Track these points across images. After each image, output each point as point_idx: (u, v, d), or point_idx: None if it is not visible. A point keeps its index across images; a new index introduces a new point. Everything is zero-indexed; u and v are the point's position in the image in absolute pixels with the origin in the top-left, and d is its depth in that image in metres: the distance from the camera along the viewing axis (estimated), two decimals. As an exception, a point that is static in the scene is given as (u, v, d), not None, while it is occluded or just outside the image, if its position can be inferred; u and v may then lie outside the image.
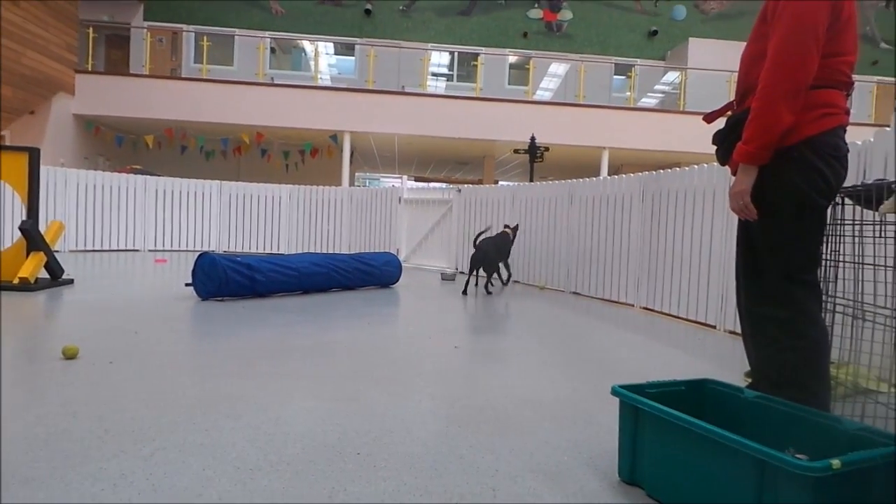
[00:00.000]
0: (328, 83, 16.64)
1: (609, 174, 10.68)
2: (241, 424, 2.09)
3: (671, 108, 15.71)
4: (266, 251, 10.57)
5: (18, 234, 5.36)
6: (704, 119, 2.46)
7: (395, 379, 2.79)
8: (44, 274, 5.53)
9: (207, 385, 2.55)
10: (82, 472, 1.66)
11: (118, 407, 2.22)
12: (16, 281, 5.13)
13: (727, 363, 3.45)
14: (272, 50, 16.63)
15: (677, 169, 5.26)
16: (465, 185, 8.71)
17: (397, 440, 2.00)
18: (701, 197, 4.84)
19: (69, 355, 2.87)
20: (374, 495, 1.59)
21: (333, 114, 13.29)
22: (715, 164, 4.59)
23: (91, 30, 13.69)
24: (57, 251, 5.71)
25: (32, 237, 5.28)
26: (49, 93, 11.80)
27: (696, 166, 4.98)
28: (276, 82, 14.21)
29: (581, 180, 6.65)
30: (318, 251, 10.06)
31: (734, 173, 2.24)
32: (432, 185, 15.44)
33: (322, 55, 16.81)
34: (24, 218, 5.35)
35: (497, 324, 4.53)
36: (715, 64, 14.89)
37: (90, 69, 13.53)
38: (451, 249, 8.68)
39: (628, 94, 16.46)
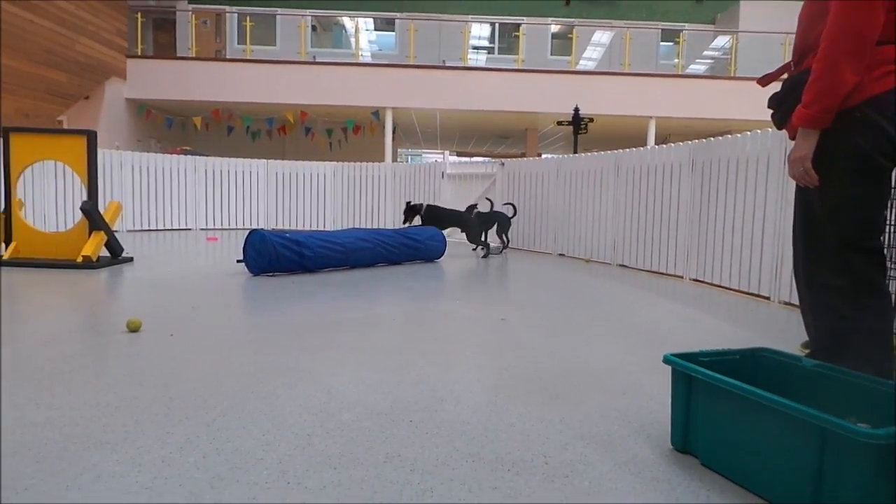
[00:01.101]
0: (369, 59, 16.64)
1: (656, 144, 10.40)
2: (296, 393, 2.16)
3: (721, 74, 15.14)
4: (312, 227, 10.75)
5: (80, 214, 5.60)
6: (759, 82, 2.37)
7: (443, 350, 2.83)
8: (105, 252, 5.77)
9: (262, 356, 2.64)
10: (151, 436, 1.75)
11: (181, 376, 2.32)
12: (79, 259, 5.38)
13: (782, 335, 3.36)
14: (313, 28, 16.70)
15: (729, 136, 5.09)
16: (509, 159, 8.63)
17: (447, 408, 2.04)
18: (755, 164, 4.68)
19: (133, 328, 3.01)
20: (428, 460, 1.63)
21: (375, 90, 13.31)
22: (770, 129, 4.42)
23: (139, 15, 14.00)
24: (116, 231, 5.94)
25: (93, 217, 5.50)
26: (102, 78, 12.16)
27: (749, 133, 4.81)
28: (317, 60, 14.29)
29: (627, 150, 6.52)
30: (364, 227, 10.18)
31: (792, 138, 2.16)
32: (474, 159, 15.34)
33: (362, 31, 16.79)
34: (84, 199, 5.57)
35: (543, 297, 4.52)
36: (768, 26, 14.24)
37: (140, 53, 13.88)
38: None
39: (676, 60, 15.92)
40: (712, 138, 5.32)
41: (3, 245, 5.55)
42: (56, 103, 10.95)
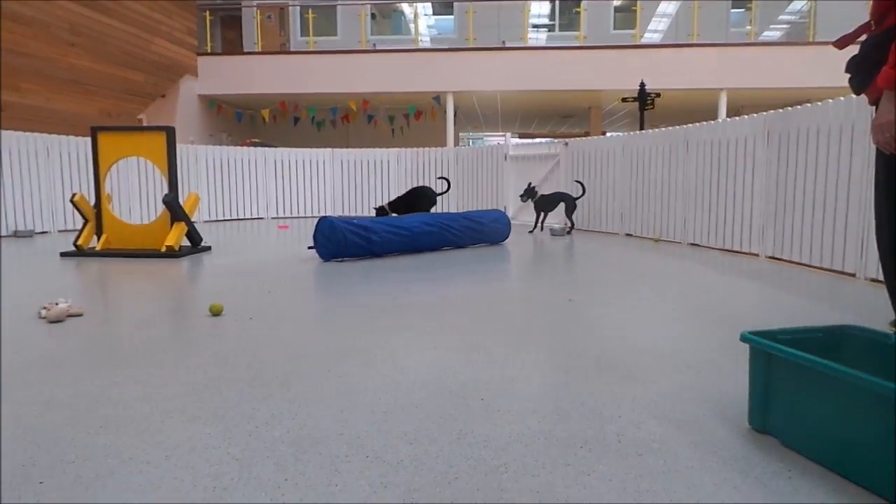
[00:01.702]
0: (428, 44, 16.65)
1: (728, 117, 9.98)
2: (370, 372, 2.23)
3: (798, 39, 14.29)
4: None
5: (162, 207, 5.92)
6: (835, 44, 2.24)
7: (512, 331, 2.85)
8: (185, 242, 6.09)
9: (337, 337, 2.74)
10: (238, 411, 1.86)
11: (262, 357, 2.45)
12: (163, 249, 5.70)
13: (869, 313, 3.19)
14: (373, 16, 16.85)
15: (808, 105, 4.83)
16: (573, 138, 8.49)
17: (518, 387, 2.06)
18: (837, 133, 4.43)
19: (215, 312, 3.18)
20: (500, 437, 1.66)
21: (435, 75, 13.33)
22: (852, 96, 4.17)
23: (208, 13, 14.53)
24: (194, 221, 6.25)
25: (174, 209, 5.81)
26: (176, 76, 12.73)
27: (830, 101, 4.55)
28: (377, 48, 14.44)
29: (697, 124, 6.29)
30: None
31: (872, 103, 2.04)
32: (537, 140, 15.17)
33: (421, 16, 16.81)
34: (165, 192, 5.89)
35: (611, 277, 4.45)
36: (852, -15, 13.29)
37: (209, 51, 14.42)
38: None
39: (748, 28, 15.14)
40: (789, 108, 5.06)
41: (96, 237, 5.94)
42: (135, 102, 11.55)
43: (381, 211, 7.58)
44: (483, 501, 1.33)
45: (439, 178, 9.04)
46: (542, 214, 7.76)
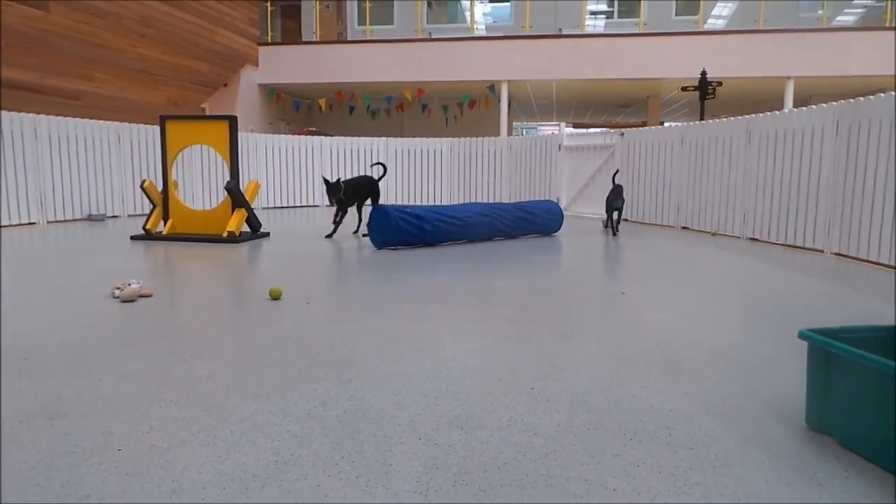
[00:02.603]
0: (483, 32, 16.57)
1: (794, 107, 9.57)
2: (423, 358, 2.29)
3: (875, 24, 13.53)
4: (430, 202, 11.02)
5: (224, 193, 6.15)
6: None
7: (562, 322, 2.86)
8: (245, 228, 6.30)
9: (390, 322, 2.81)
10: (297, 391, 1.95)
11: (319, 340, 2.54)
12: (224, 234, 5.92)
13: (942, 314, 3.04)
14: (428, 4, 16.87)
15: (882, 95, 4.60)
16: (629, 129, 8.32)
17: (567, 377, 2.08)
18: (913, 125, 4.20)
19: (274, 297, 3.30)
20: (549, 425, 1.69)
21: (490, 64, 13.26)
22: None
23: (269, 3, 14.86)
24: (254, 208, 6.46)
25: (236, 195, 6.02)
26: (238, 66, 13.10)
27: (907, 90, 4.31)
28: (433, 37, 14.47)
29: (761, 115, 6.07)
30: (480, 201, 10.29)
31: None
32: (592, 130, 14.92)
33: (477, 4, 16.72)
34: (227, 179, 6.10)
35: (666, 270, 4.38)
36: (936, -35, 12.48)
37: (269, 41, 14.76)
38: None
39: (820, 12, 14.42)
40: (861, 98, 4.82)
41: (163, 222, 6.23)
42: (200, 91, 11.96)
43: (332, 187, 6.30)
44: (531, 487, 1.36)
45: (374, 164, 8.73)
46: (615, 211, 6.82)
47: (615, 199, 6.69)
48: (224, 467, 1.45)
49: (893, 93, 4.45)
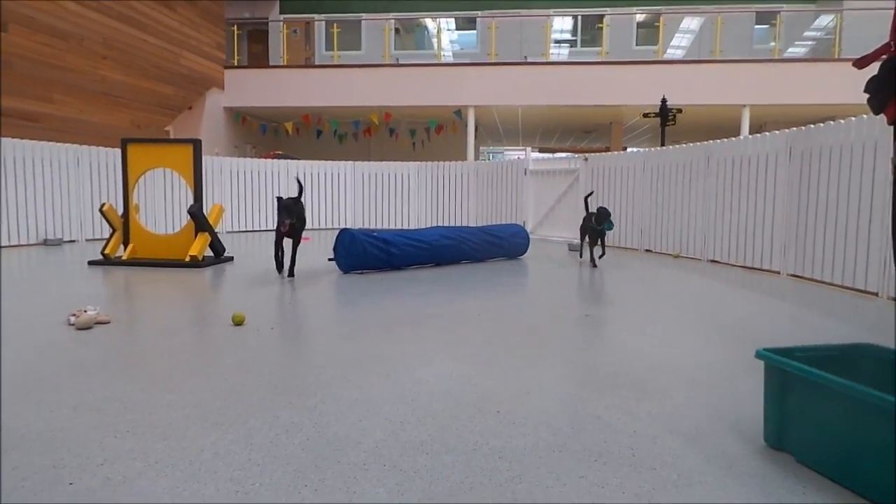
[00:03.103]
0: (451, 59, 16.81)
1: (750, 134, 9.91)
2: (389, 383, 2.27)
3: (824, 56, 14.18)
4: (397, 226, 11.02)
5: (187, 217, 6.05)
6: (855, 64, 2.25)
7: (528, 344, 2.87)
8: (209, 252, 6.20)
9: (356, 348, 2.78)
10: (260, 418, 1.91)
11: (283, 366, 2.50)
12: (187, 258, 5.81)
13: (890, 331, 3.15)
14: (396, 30, 17.07)
15: (832, 122, 4.80)
16: (592, 154, 8.50)
17: (533, 400, 2.08)
18: (860, 152, 4.40)
19: (237, 322, 3.24)
20: (515, 449, 1.69)
21: (457, 89, 13.44)
22: (877, 114, 4.13)
23: (235, 27, 14.84)
24: (218, 232, 6.37)
25: (199, 219, 5.93)
26: (203, 89, 13.00)
27: (853, 118, 4.52)
28: (400, 62, 14.61)
29: (719, 141, 6.27)
30: (447, 224, 10.33)
31: (891, 123, 2.04)
32: (557, 155, 15.20)
33: (444, 31, 16.98)
34: (191, 203, 6.01)
35: (629, 293, 4.45)
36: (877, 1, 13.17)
37: (236, 64, 14.71)
38: (578, 220, 8.53)
39: (772, 44, 15.06)
40: (812, 125, 5.03)
41: (123, 246, 6.08)
42: (164, 114, 11.82)
43: (285, 205, 4.99)
44: (497, 511, 1.36)
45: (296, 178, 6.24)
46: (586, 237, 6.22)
47: (600, 223, 5.65)
48: (182, 498, 1.41)
49: (842, 121, 4.65)
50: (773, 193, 5.41)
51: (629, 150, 13.74)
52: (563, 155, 10.52)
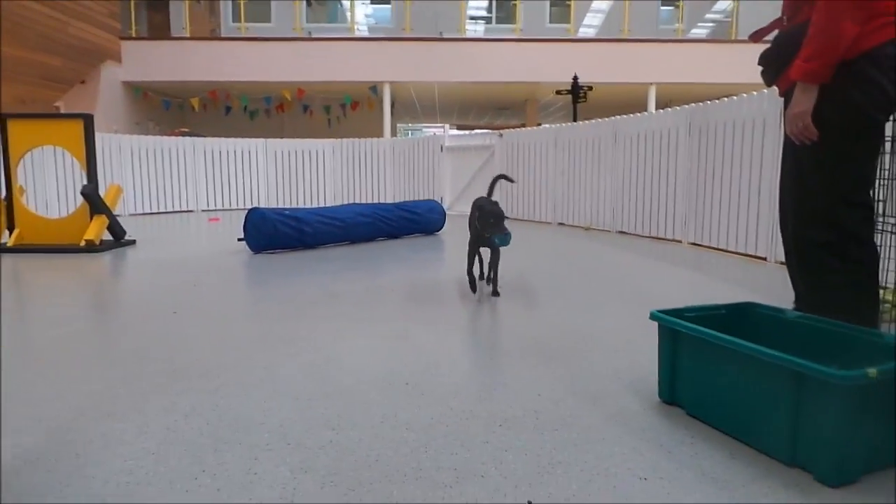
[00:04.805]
0: (365, 34, 16.47)
1: (657, 111, 10.34)
2: (297, 361, 2.21)
3: (723, 37, 14.94)
4: (313, 204, 10.77)
5: (81, 199, 5.64)
6: (751, 38, 2.36)
7: (441, 318, 2.88)
8: (107, 236, 5.83)
9: (264, 328, 2.70)
10: (157, 405, 1.81)
11: (184, 350, 2.38)
12: (82, 243, 5.43)
13: (776, 293, 3.39)
14: (308, 3, 16.51)
15: (725, 99, 5.07)
16: (507, 130, 8.60)
17: (443, 372, 2.09)
18: (750, 126, 4.67)
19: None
20: (422, 419, 1.69)
21: (372, 65, 13.21)
22: (765, 91, 4.40)
23: (131, -5, 13.88)
24: (118, 215, 5.99)
25: (94, 201, 5.54)
26: (97, 61, 12.11)
27: (744, 95, 4.79)
28: (313, 36, 14.17)
29: (625, 117, 6.49)
30: (364, 202, 10.20)
31: (782, 94, 2.16)
32: (474, 131, 15.29)
33: (358, 5, 16.59)
34: (84, 183, 5.61)
35: (541, 265, 4.56)
36: (769, -15, 13.98)
37: (134, 35, 13.78)
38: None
39: (677, 25, 15.71)
40: (709, 102, 5.29)
41: (7, 232, 5.61)
42: (53, 89, 10.92)
43: None
44: (400, 482, 1.35)
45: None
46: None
47: (491, 226, 3.24)
48: (66, 493, 1.31)
49: (735, 97, 4.92)
50: (676, 167, 5.68)
51: (543, 126, 14.04)
52: (479, 131, 10.60)
